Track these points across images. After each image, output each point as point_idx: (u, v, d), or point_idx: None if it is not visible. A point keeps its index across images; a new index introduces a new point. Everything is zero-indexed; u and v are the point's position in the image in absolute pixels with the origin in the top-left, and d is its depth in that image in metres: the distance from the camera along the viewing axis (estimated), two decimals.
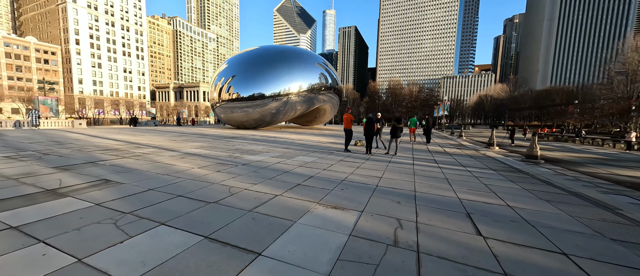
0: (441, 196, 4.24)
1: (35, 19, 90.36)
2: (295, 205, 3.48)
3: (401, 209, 3.49)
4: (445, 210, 3.56)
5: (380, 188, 4.60)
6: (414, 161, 7.92)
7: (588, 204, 4.11)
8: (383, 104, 78.20)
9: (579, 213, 3.64)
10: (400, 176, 5.65)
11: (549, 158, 12.14)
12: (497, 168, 7.27)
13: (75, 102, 77.11)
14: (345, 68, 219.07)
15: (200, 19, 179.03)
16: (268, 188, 4.28)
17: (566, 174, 7.89)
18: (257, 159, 7.11)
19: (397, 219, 3.13)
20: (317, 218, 3.07)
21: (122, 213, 2.96)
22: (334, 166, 6.44)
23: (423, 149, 11.56)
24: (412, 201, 3.88)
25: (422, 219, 3.17)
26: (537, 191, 4.78)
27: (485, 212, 3.54)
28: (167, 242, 2.36)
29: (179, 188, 4.05)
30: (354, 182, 4.94)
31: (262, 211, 3.20)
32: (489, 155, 10.19)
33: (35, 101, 23.61)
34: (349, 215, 3.20)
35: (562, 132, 32.10)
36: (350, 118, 9.30)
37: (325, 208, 3.44)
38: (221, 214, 3.04)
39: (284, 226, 2.79)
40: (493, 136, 16.17)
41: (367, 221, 3.05)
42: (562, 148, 18.63)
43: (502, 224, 3.11)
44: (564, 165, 10.13)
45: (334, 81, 26.82)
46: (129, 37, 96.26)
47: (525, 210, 3.69)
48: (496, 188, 4.89)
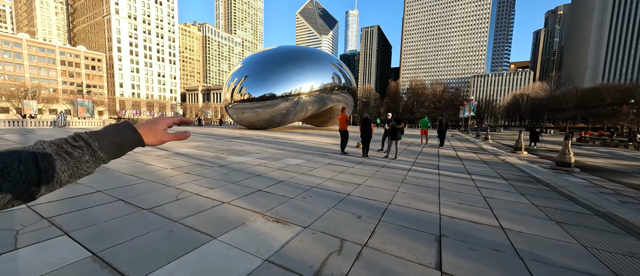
0: (419, 210, 3.55)
1: (86, 30, 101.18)
2: (233, 216, 3.06)
3: (356, 227, 2.90)
4: (413, 230, 2.90)
5: (350, 197, 4.02)
6: (412, 166, 7.10)
7: (619, 231, 3.16)
8: (405, 104, 75.17)
9: (600, 244, 2.76)
10: (384, 183, 4.98)
11: (587, 166, 10.39)
12: (511, 177, 6.21)
13: (116, 104, 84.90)
14: (367, 68, 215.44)
15: (227, 24, 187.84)
16: (222, 193, 3.92)
17: (604, 187, 6.55)
18: (240, 160, 6.84)
19: (341, 240, 2.57)
20: (245, 234, 2.62)
21: (39, 218, 2.77)
22: (315, 170, 5.93)
23: (432, 152, 10.53)
24: (378, 216, 3.26)
25: (374, 242, 2.57)
26: (549, 209, 3.85)
27: (464, 235, 2.82)
28: (48, 257, 2.07)
29: (128, 191, 3.84)
30: (324, 189, 4.40)
31: (188, 222, 2.83)
32: (510, 161, 8.92)
33: (74, 102, 26.07)
34: (286, 232, 2.70)
35: (612, 136, 27.96)
36: (346, 118, 8.68)
37: (266, 221, 2.97)
38: (140, 225, 2.71)
39: (197, 243, 2.38)
40: (521, 140, 14.45)
41: (302, 241, 2.53)
42: (609, 154, 16.06)
43: (477, 255, 2.40)
44: (605, 175, 8.52)
45: (348, 81, 26.14)
46: (163, 44, 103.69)
47: (521, 235, 2.89)
48: (496, 203, 4.04)
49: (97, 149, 0.59)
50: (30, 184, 0.51)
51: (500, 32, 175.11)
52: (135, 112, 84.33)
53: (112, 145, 0.62)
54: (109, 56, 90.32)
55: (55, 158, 0.54)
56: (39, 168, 0.51)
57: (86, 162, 0.58)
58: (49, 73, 77.86)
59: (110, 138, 0.62)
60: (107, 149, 0.61)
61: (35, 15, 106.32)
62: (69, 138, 0.58)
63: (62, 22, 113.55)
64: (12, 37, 71.34)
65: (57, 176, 0.54)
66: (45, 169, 0.52)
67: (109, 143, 0.61)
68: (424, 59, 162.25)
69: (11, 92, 56.18)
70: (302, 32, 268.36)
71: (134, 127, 0.66)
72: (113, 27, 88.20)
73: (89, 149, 0.58)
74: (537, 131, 19.27)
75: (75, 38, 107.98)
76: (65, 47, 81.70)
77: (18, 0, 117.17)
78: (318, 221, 3.03)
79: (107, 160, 0.61)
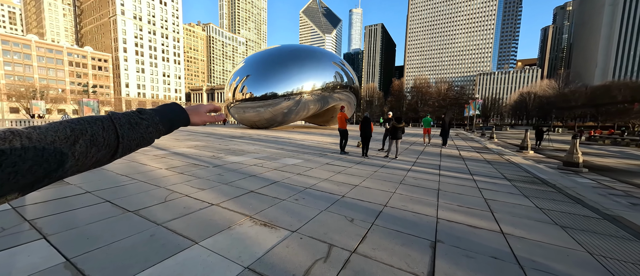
0: (415, 213, 3.40)
1: (93, 31, 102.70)
2: (220, 219, 2.96)
3: (347, 231, 2.77)
4: (407, 235, 2.75)
5: (344, 199, 3.88)
6: (412, 166, 6.93)
7: (629, 236, 2.96)
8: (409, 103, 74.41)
9: (608, 252, 2.57)
10: (382, 184, 4.83)
11: (596, 166, 10.05)
12: (515, 177, 5.99)
13: (122, 104, 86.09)
14: (370, 67, 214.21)
15: (231, 24, 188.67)
16: (213, 195, 3.82)
17: (614, 189, 6.28)
18: (237, 160, 6.76)
19: (329, 246, 2.44)
20: (229, 238, 2.51)
21: (21, 221, 2.70)
22: (312, 171, 5.80)
23: (435, 152, 10.31)
24: (371, 219, 3.12)
25: (364, 247, 2.44)
26: (554, 213, 3.66)
27: (461, 241, 2.66)
28: (19, 263, 1.99)
29: (118, 192, 3.77)
30: (319, 190, 4.27)
31: (173, 225, 2.73)
32: (514, 161, 8.67)
33: (80, 102, 26.44)
34: (272, 236, 2.58)
35: (623, 135, 27.18)
36: (345, 117, 8.53)
37: (254, 224, 2.86)
38: (122, 228, 2.63)
39: (177, 248, 2.28)
40: (527, 138, 14.10)
41: (288, 246, 2.40)
42: (620, 154, 15.57)
43: (474, 263, 2.25)
44: (615, 175, 8.21)
45: (350, 79, 25.93)
46: (168, 44, 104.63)
47: (523, 241, 2.72)
48: (498, 206, 3.86)
49: (158, 122, 0.67)
50: (111, 149, 0.58)
51: (506, 29, 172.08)
52: None
53: (168, 121, 0.69)
54: (115, 56, 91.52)
55: (128, 127, 0.61)
56: (118, 136, 0.59)
57: (150, 133, 0.65)
58: (57, 74, 79.30)
59: (167, 116, 0.70)
60: (164, 123, 0.68)
61: (43, 17, 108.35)
62: (135, 111, 0.66)
63: (69, 24, 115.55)
64: (21, 39, 72.82)
65: (130, 143, 0.61)
66: (122, 136, 0.59)
67: (165, 118, 0.69)
68: (428, 57, 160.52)
69: (20, 93, 57.40)
70: (305, 31, 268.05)
71: (183, 108, 0.74)
72: (119, 28, 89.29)
73: (152, 121, 0.66)
74: (544, 129, 18.81)
75: (82, 39, 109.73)
76: (72, 48, 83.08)
77: (27, 3, 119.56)
78: (308, 224, 2.90)
79: (163, 133, 0.69)
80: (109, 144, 0.58)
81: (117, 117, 0.61)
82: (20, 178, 0.44)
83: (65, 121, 0.55)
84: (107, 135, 0.57)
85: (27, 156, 0.45)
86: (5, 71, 68.64)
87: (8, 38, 70.30)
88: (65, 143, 0.51)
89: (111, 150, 0.59)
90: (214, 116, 0.84)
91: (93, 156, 0.55)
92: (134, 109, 0.67)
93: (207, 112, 0.80)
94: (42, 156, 0.47)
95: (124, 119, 0.62)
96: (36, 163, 0.46)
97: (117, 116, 0.61)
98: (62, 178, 0.53)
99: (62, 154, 0.50)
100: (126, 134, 0.60)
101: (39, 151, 0.47)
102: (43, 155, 0.47)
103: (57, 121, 0.56)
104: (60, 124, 0.53)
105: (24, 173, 0.45)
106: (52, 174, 0.50)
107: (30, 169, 0.46)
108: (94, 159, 0.56)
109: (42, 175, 0.48)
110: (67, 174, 0.53)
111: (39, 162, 0.47)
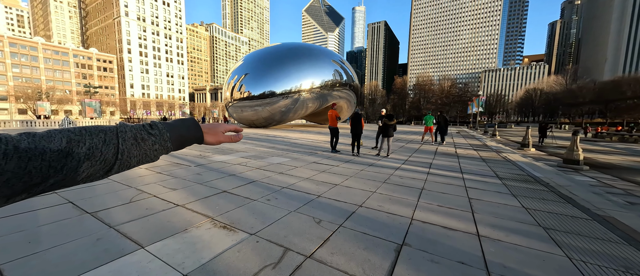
0: (389, 214, 3.22)
1: (98, 33, 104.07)
2: (179, 221, 2.82)
3: (310, 233, 2.61)
4: (373, 237, 2.58)
5: (319, 199, 3.72)
6: (403, 164, 6.72)
7: (617, 239, 2.74)
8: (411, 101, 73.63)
9: (591, 256, 2.37)
10: (364, 183, 4.65)
11: (599, 163, 9.68)
12: (508, 176, 5.75)
13: (127, 104, 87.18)
14: (374, 65, 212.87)
15: (234, 24, 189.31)
16: (183, 195, 3.70)
17: (613, 187, 5.99)
18: (222, 159, 6.64)
19: (285, 250, 2.28)
20: (180, 242, 2.37)
21: None
22: (296, 169, 5.65)
23: (430, 150, 10.06)
24: (341, 221, 2.95)
25: (322, 252, 2.27)
26: (541, 213, 3.44)
27: (430, 244, 2.48)
28: None
29: (85, 193, 3.67)
30: (296, 190, 4.12)
31: (125, 228, 2.61)
32: (511, 159, 8.38)
33: (82, 103, 26.76)
34: (227, 239, 2.44)
35: (632, 131, 26.36)
36: (336, 115, 8.33)
37: (213, 226, 2.72)
38: (71, 231, 2.51)
39: (120, 253, 2.15)
40: (528, 135, 13.73)
41: (240, 251, 2.26)
42: (627, 151, 15.05)
43: (437, 269, 2.07)
44: (618, 173, 7.86)
45: (350, 77, 25.71)
46: (171, 45, 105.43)
47: (498, 244, 2.53)
48: (481, 206, 3.65)
49: (167, 139, 0.64)
50: (106, 165, 0.54)
51: (513, 25, 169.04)
52: (145, 112, 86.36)
53: (179, 138, 0.67)
54: (120, 57, 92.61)
55: (133, 143, 0.58)
56: (117, 151, 0.55)
57: (155, 151, 0.62)
58: (64, 75, 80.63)
59: (179, 132, 0.67)
60: (174, 140, 0.66)
61: (50, 20, 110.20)
62: (146, 125, 0.63)
63: (75, 26, 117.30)
64: (28, 42, 74.20)
65: (129, 160, 0.58)
66: (122, 152, 0.56)
67: (177, 135, 0.66)
68: (432, 55, 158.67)
69: (28, 94, 58.53)
70: (308, 30, 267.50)
71: (199, 125, 0.72)
72: (123, 29, 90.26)
73: (161, 138, 0.63)
74: (551, 126, 18.30)
75: (88, 41, 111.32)
76: (78, 50, 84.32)
77: (35, 6, 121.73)
78: (270, 226, 2.75)
79: (170, 151, 0.66)
80: (105, 159, 0.53)
81: (123, 130, 0.58)
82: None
83: (65, 130, 0.51)
84: (105, 149, 0.53)
85: (6, 167, 0.40)
86: (13, 73, 70.07)
87: (16, 41, 71.69)
88: (56, 156, 0.46)
89: (106, 166, 0.54)
90: (232, 136, 0.80)
91: (84, 172, 0.50)
92: (147, 123, 0.64)
93: (225, 132, 0.78)
94: (25, 169, 0.42)
95: (131, 133, 0.59)
96: (15, 175, 0.41)
97: (124, 129, 0.58)
98: (43, 192, 0.47)
99: (50, 167, 0.45)
100: (127, 150, 0.56)
101: (23, 163, 0.42)
102: (26, 167, 0.42)
103: (56, 128, 0.52)
104: (58, 133, 0.49)
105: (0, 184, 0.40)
106: (33, 188, 0.45)
107: (6, 182, 0.40)
108: (85, 174, 0.51)
109: (21, 189, 0.43)
110: (49, 190, 0.48)
111: (19, 175, 0.42)
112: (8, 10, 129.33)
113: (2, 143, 0.41)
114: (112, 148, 0.54)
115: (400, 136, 17.66)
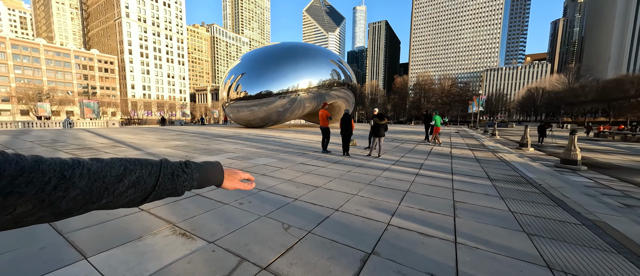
0: (365, 219, 3.04)
1: (99, 34, 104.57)
2: (138, 227, 2.66)
3: (274, 241, 2.44)
4: (341, 245, 2.41)
5: (296, 202, 3.55)
6: (393, 165, 6.53)
7: (605, 246, 2.55)
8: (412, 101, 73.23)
9: (574, 265, 2.18)
10: (347, 186, 4.47)
11: (598, 163, 9.44)
12: (499, 177, 5.54)
13: (128, 105, 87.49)
14: (375, 65, 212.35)
15: (235, 24, 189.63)
16: None
17: (610, 188, 5.78)
18: (207, 160, 6.48)
19: (240, 260, 2.12)
20: (129, 252, 2.21)
21: None
22: (280, 171, 5.48)
23: (424, 150, 9.86)
24: (311, 226, 2.78)
25: (281, 262, 2.10)
26: (527, 217, 3.25)
27: (401, 253, 2.30)
28: None
29: None
30: (273, 192, 3.95)
31: (76, 235, 2.45)
32: (507, 159, 8.17)
33: (80, 103, 26.78)
34: (182, 248, 2.27)
35: (635, 130, 25.95)
36: (327, 114, 8.16)
37: (172, 233, 2.55)
38: (18, 239, 2.35)
39: (59, 264, 1.99)
40: (527, 135, 13.49)
41: (191, 261, 2.09)
42: (628, 150, 14.74)
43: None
44: (617, 173, 7.63)
45: (348, 77, 25.52)
46: (172, 46, 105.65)
47: (475, 252, 2.34)
48: (465, 210, 3.47)
49: (195, 179, 0.69)
50: (144, 193, 0.59)
51: (514, 24, 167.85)
52: (147, 112, 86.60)
53: (204, 178, 0.71)
54: (121, 58, 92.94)
55: (169, 178, 0.63)
56: (156, 183, 0.60)
57: (183, 187, 0.66)
58: (65, 76, 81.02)
59: (207, 175, 0.72)
60: (200, 180, 0.70)
61: (52, 21, 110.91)
62: (182, 164, 0.68)
63: (77, 27, 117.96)
64: (30, 43, 74.66)
65: (162, 192, 0.62)
66: (159, 185, 0.61)
67: (204, 177, 0.71)
68: (433, 54, 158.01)
69: (29, 96, 58.86)
70: (308, 30, 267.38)
71: (223, 171, 0.77)
72: (124, 30, 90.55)
73: (191, 177, 0.67)
74: (550, 126, 18.01)
75: (89, 42, 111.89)
76: (79, 51, 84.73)
77: (37, 8, 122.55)
78: (233, 234, 2.59)
79: (194, 188, 0.70)
80: (145, 189, 0.58)
81: (166, 165, 0.63)
82: (64, 203, 0.46)
83: (124, 159, 0.58)
84: (149, 180, 0.59)
85: (79, 184, 0.48)
86: (15, 74, 70.53)
87: (18, 42, 72.18)
88: (113, 180, 0.53)
89: (144, 194, 0.59)
90: (246, 185, 0.85)
91: (127, 197, 0.56)
92: (183, 161, 0.69)
93: (241, 179, 0.83)
94: (90, 188, 0.49)
95: (170, 169, 0.63)
96: (83, 192, 0.48)
97: (167, 165, 0.64)
98: (92, 210, 0.53)
99: (106, 189, 0.52)
100: (163, 183, 0.61)
101: (90, 182, 0.49)
102: (91, 187, 0.50)
103: (117, 158, 0.58)
104: (118, 161, 0.56)
105: (70, 199, 0.47)
106: (89, 206, 0.51)
107: (74, 198, 0.48)
108: (127, 199, 0.57)
109: (81, 204, 0.50)
110: (97, 208, 0.53)
111: (85, 192, 0.49)
112: (11, 12, 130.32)
113: (80, 166, 0.49)
114: (153, 179, 0.59)
115: (400, 136, 17.46)
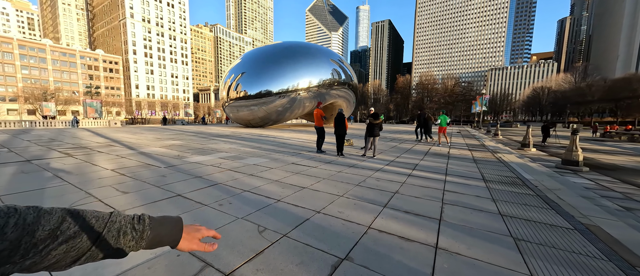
0: (346, 221, 2.93)
1: (104, 35, 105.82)
2: None
3: (245, 245, 2.35)
4: (315, 249, 2.30)
5: (278, 204, 3.45)
6: (386, 165, 6.40)
7: (595, 254, 2.40)
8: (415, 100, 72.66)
9: (557, 272, 2.04)
10: (334, 187, 4.36)
11: (601, 164, 9.17)
12: (495, 178, 5.38)
13: (132, 105, 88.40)
14: (378, 64, 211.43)
15: (238, 24, 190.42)
16: (130, 199, 3.48)
17: (611, 190, 5.57)
18: (199, 160, 6.43)
19: (204, 265, 2.03)
20: None
21: None
22: (269, 171, 5.39)
23: (422, 150, 9.69)
24: (288, 229, 2.68)
25: (246, 268, 2.01)
26: (516, 221, 3.10)
27: (376, 258, 2.19)
28: None
29: (31, 197, 3.48)
30: (257, 193, 3.86)
31: None
32: (505, 159, 7.97)
33: (83, 103, 27.08)
34: (146, 253, 2.19)
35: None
36: (321, 114, 8.04)
37: None
38: None
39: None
40: (529, 135, 13.22)
41: (151, 267, 2.01)
42: (634, 151, 14.36)
43: None
44: (620, 175, 7.38)
45: (348, 76, 25.38)
46: (176, 46, 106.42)
47: (455, 259, 2.22)
48: (453, 212, 3.33)
49: (144, 239, 0.61)
50: (78, 255, 0.52)
51: (520, 22, 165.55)
52: (150, 112, 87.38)
53: (156, 239, 0.64)
54: (125, 58, 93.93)
55: (113, 236, 0.57)
56: (95, 242, 0.54)
57: (129, 247, 0.60)
58: (71, 76, 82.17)
59: (160, 234, 0.65)
60: (150, 240, 0.63)
61: (59, 22, 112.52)
62: (135, 218, 0.62)
63: (83, 28, 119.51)
64: (37, 44, 75.86)
65: (100, 253, 0.56)
66: (99, 243, 0.54)
67: (156, 234, 0.64)
68: (437, 53, 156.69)
69: (35, 95, 59.80)
70: (311, 29, 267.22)
71: (182, 230, 0.70)
72: (128, 31, 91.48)
73: (139, 237, 0.61)
74: (556, 125, 17.64)
75: (95, 42, 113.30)
76: (85, 52, 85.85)
77: (44, 9, 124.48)
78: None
79: (143, 248, 0.63)
80: (80, 248, 0.52)
81: (115, 220, 0.58)
82: None
83: (66, 210, 0.52)
84: (88, 235, 0.52)
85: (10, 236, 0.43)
86: (22, 74, 71.74)
87: (25, 43, 73.40)
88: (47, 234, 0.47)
89: (77, 255, 0.52)
90: (206, 246, 0.75)
91: (54, 257, 0.49)
92: (138, 216, 0.63)
93: (202, 237, 0.74)
94: (18, 244, 0.44)
95: (119, 224, 0.58)
96: (8, 248, 0.43)
97: (116, 219, 0.58)
98: (7, 274, 0.47)
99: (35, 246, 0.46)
100: (104, 242, 0.55)
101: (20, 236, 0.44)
102: (20, 243, 0.44)
103: (57, 207, 0.53)
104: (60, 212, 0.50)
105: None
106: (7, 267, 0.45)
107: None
108: (53, 260, 0.49)
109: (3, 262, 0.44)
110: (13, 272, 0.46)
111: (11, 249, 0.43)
112: (19, 13, 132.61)
113: (16, 214, 0.44)
114: (94, 235, 0.53)
115: (399, 135, 17.27)
